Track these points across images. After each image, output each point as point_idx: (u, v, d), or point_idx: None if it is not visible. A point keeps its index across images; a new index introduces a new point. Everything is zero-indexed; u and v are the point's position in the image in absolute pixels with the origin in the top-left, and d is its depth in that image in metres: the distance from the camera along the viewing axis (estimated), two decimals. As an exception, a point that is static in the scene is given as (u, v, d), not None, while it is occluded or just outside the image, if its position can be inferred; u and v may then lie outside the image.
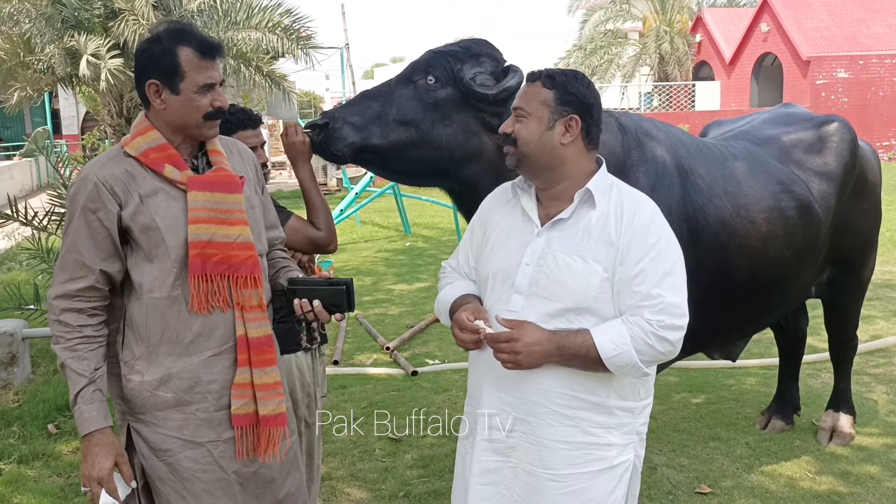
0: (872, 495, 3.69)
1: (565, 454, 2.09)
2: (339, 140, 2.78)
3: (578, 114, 2.11)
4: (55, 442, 4.40)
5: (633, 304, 2.03)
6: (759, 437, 4.34)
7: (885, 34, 25.01)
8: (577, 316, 2.06)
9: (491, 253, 2.22)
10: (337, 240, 2.87)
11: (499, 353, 2.05)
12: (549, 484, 2.10)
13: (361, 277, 9.09)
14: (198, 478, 2.19)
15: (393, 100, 2.82)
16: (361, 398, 5.04)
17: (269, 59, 16.02)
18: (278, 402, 2.25)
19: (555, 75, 2.12)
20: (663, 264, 2.05)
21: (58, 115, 27.73)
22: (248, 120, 2.88)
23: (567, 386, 2.08)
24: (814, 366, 5.40)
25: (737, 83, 27.40)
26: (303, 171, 2.80)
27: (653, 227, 2.08)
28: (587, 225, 2.09)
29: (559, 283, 2.07)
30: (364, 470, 4.04)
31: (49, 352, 5.93)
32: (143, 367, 2.16)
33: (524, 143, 2.11)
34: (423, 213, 13.84)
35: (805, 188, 3.60)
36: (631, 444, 2.16)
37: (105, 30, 13.42)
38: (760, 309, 3.70)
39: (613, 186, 2.15)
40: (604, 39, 28.57)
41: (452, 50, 2.85)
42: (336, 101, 28.01)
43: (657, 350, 2.02)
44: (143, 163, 2.15)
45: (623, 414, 2.13)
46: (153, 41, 2.17)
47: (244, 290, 2.18)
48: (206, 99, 2.15)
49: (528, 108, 2.11)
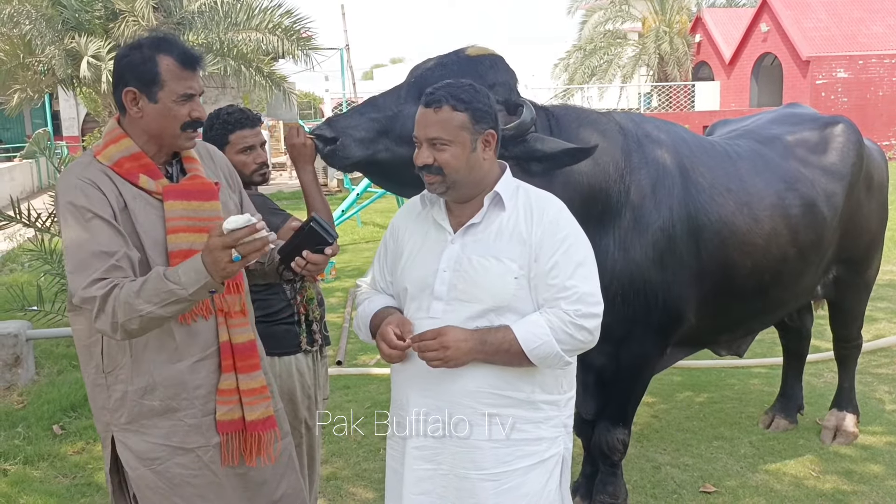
0: (877, 493, 3.70)
1: (495, 452, 2.12)
2: (345, 158, 2.80)
3: (492, 127, 2.14)
4: (60, 443, 4.40)
5: (550, 297, 2.10)
6: (763, 437, 4.35)
7: (885, 34, 25.03)
8: (498, 316, 2.11)
9: (407, 265, 2.24)
10: (336, 243, 2.85)
11: (426, 353, 2.07)
12: (482, 485, 2.12)
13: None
14: (189, 483, 2.18)
15: (402, 116, 2.80)
16: (365, 398, 5.05)
17: (270, 61, 16.04)
18: (266, 405, 2.25)
19: (460, 95, 2.10)
20: (575, 256, 2.11)
21: (58, 117, 27.71)
22: (247, 119, 2.86)
23: (491, 385, 2.12)
24: (816, 365, 5.40)
25: (736, 83, 27.41)
26: (305, 172, 2.79)
27: (561, 221, 2.15)
28: (498, 226, 2.15)
29: (477, 284, 2.11)
30: (369, 469, 4.04)
31: (53, 353, 5.95)
32: (127, 375, 2.15)
33: (453, 170, 2.10)
34: (424, 214, 13.84)
35: (810, 187, 3.61)
36: (560, 437, 2.21)
37: (105, 31, 13.42)
38: (765, 306, 3.71)
39: (519, 188, 2.21)
40: (603, 40, 28.59)
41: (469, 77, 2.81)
42: (336, 102, 28.00)
43: (576, 338, 2.09)
44: (116, 172, 2.12)
45: (549, 408, 2.18)
46: (134, 48, 2.15)
47: (226, 297, 2.19)
48: (185, 109, 2.13)
49: (447, 135, 2.09)
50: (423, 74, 2.86)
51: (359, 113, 2.86)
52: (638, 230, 3.08)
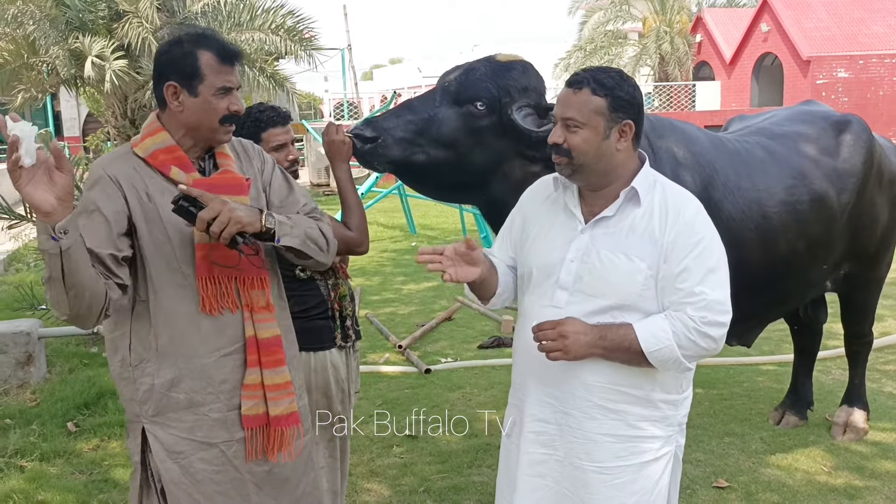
0: (889, 489, 3.73)
1: (611, 447, 2.12)
2: (383, 156, 2.83)
3: (632, 118, 2.09)
4: (75, 440, 4.42)
5: (677, 301, 2.05)
6: (774, 433, 4.38)
7: (885, 34, 25.07)
8: (622, 313, 2.09)
9: (532, 247, 2.24)
10: (368, 241, 2.84)
11: (545, 343, 2.07)
12: (596, 477, 2.13)
13: (369, 277, 9.12)
14: (211, 479, 2.19)
15: (437, 119, 2.84)
16: (376, 396, 5.07)
17: (272, 61, 16.07)
18: (290, 401, 2.26)
19: (603, 80, 2.07)
20: (707, 262, 2.06)
21: (59, 118, 27.73)
22: (278, 117, 2.87)
23: (610, 380, 2.11)
24: (825, 362, 5.43)
25: (737, 83, 27.45)
26: (340, 170, 2.79)
27: (697, 224, 2.09)
28: (631, 223, 2.10)
29: (604, 280, 2.08)
30: (383, 466, 4.07)
31: (64, 351, 5.97)
32: (154, 368, 2.17)
33: (581, 153, 2.08)
34: (428, 214, 13.87)
35: (819, 182, 3.64)
36: (673, 436, 2.19)
37: (109, 31, 13.44)
38: (776, 297, 3.76)
39: (657, 183, 2.15)
40: (604, 40, 28.62)
41: (503, 80, 2.84)
42: (336, 103, 28.01)
43: (699, 346, 2.04)
44: (150, 164, 2.16)
45: (666, 406, 2.16)
46: (174, 44, 2.19)
47: (252, 291, 2.20)
48: (224, 102, 2.17)
49: (581, 117, 2.06)
50: (456, 79, 2.89)
51: (395, 115, 2.88)
52: None
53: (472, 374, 5.54)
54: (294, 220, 2.21)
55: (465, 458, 4.14)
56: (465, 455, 4.17)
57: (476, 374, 5.54)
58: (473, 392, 5.14)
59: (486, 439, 4.33)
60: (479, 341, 6.34)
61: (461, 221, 11.28)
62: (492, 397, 5.00)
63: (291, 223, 2.18)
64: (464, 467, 4.04)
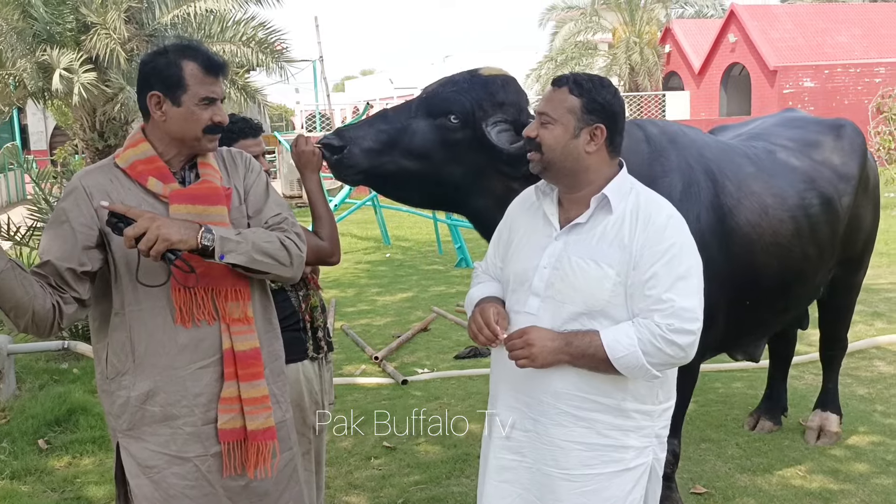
0: (863, 492, 3.77)
1: (578, 454, 2.12)
2: (351, 167, 2.80)
3: (604, 123, 2.11)
4: (47, 457, 4.35)
5: (645, 308, 2.05)
6: (749, 438, 4.42)
7: (849, 44, 25.53)
8: (591, 319, 2.09)
9: (514, 255, 2.26)
10: (340, 252, 2.86)
11: (513, 351, 2.09)
12: (563, 484, 2.13)
13: (344, 289, 9.08)
14: (185, 494, 2.17)
15: (410, 130, 2.81)
16: (353, 407, 5.04)
17: (244, 73, 16.01)
18: (266, 415, 2.23)
19: (582, 82, 2.12)
20: (677, 269, 2.05)
21: (26, 131, 27.39)
22: (249, 129, 2.90)
23: (578, 388, 2.11)
24: (798, 367, 5.48)
25: (706, 93, 27.77)
26: (310, 181, 2.80)
27: (667, 230, 2.08)
28: (603, 229, 2.11)
29: (573, 286, 2.10)
30: (362, 478, 4.05)
31: (34, 367, 5.87)
32: (130, 381, 2.15)
33: (549, 149, 2.12)
34: (402, 225, 13.86)
35: (826, 186, 3.66)
36: (650, 447, 2.17)
37: (77, 44, 13.31)
38: (786, 305, 3.74)
39: (633, 190, 2.16)
40: (574, 51, 28.83)
41: (476, 93, 2.81)
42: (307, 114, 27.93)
43: (666, 353, 2.02)
44: (129, 175, 2.16)
45: (640, 417, 2.15)
46: (159, 54, 2.20)
47: (228, 303, 2.18)
48: (207, 113, 2.17)
49: (554, 114, 2.11)
50: (433, 91, 2.87)
51: (368, 124, 2.86)
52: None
53: (450, 384, 5.53)
54: (244, 236, 2.16)
55: (443, 468, 4.12)
56: (443, 466, 4.15)
57: (453, 384, 5.53)
58: (451, 402, 5.13)
59: (464, 449, 4.32)
60: (456, 352, 6.33)
61: (435, 232, 11.28)
62: (469, 407, 4.99)
63: (239, 239, 2.13)
64: (442, 478, 4.02)
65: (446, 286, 8.96)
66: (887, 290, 7.85)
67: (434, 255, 11.15)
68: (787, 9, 28.10)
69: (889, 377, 5.34)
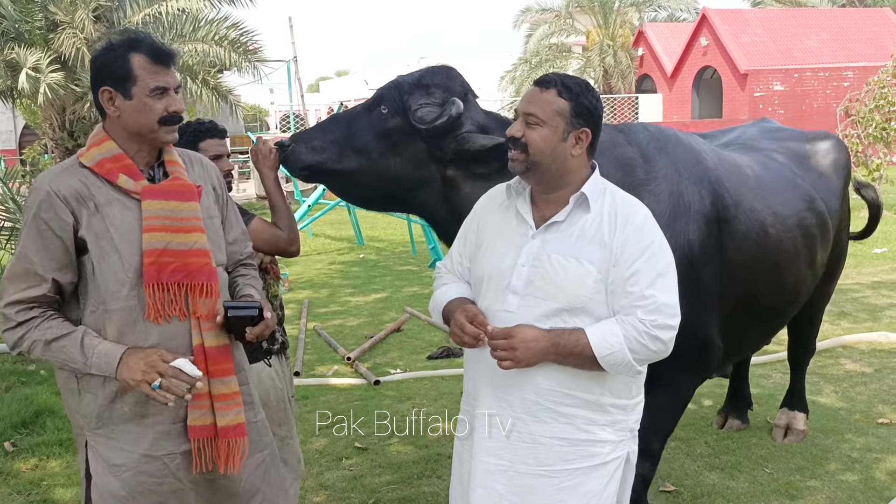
0: (828, 488, 3.83)
1: (559, 450, 2.14)
2: (296, 161, 2.95)
3: (589, 127, 2.14)
4: (13, 460, 4.29)
5: (627, 305, 2.08)
6: (718, 437, 4.47)
7: (818, 48, 25.90)
8: (572, 316, 2.11)
9: (485, 254, 2.26)
10: (299, 242, 3.01)
11: (496, 352, 2.09)
12: (543, 481, 2.14)
13: (317, 290, 9.05)
14: (152, 490, 2.17)
15: (352, 126, 2.93)
16: (325, 408, 5.03)
17: (216, 73, 15.89)
18: (237, 412, 2.23)
19: (571, 86, 2.13)
20: (656, 266, 2.10)
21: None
22: (215, 130, 3.03)
23: (561, 384, 2.13)
24: (764, 367, 5.56)
25: (678, 96, 28.04)
26: (267, 178, 2.96)
27: (646, 229, 2.13)
28: (581, 227, 2.14)
29: (554, 283, 2.11)
30: (333, 479, 4.03)
31: (0, 369, 5.78)
32: (100, 379, 2.14)
33: (537, 151, 2.12)
34: (376, 225, 13.84)
35: (822, 205, 3.63)
36: (624, 441, 2.21)
37: (45, 42, 13.16)
38: (778, 323, 3.73)
39: (606, 190, 2.20)
40: (549, 53, 28.99)
41: (404, 80, 2.91)
42: (282, 115, 27.79)
43: (650, 349, 2.08)
44: (97, 173, 2.15)
45: (616, 411, 2.18)
46: (107, 50, 2.19)
47: (200, 299, 2.18)
48: (161, 103, 2.16)
49: (543, 115, 2.11)
50: (380, 91, 2.96)
51: (318, 125, 3.05)
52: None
53: (422, 384, 5.53)
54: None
55: (415, 468, 4.12)
56: (415, 466, 4.15)
57: (426, 384, 5.54)
58: (423, 403, 5.13)
59: (436, 449, 4.33)
60: (429, 352, 6.34)
61: (409, 233, 11.28)
62: (442, 407, 5.00)
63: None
64: (414, 478, 4.02)
65: (420, 287, 8.96)
66: (853, 290, 7.97)
67: (408, 255, 11.14)
68: (758, 13, 28.46)
69: (855, 375, 5.43)
